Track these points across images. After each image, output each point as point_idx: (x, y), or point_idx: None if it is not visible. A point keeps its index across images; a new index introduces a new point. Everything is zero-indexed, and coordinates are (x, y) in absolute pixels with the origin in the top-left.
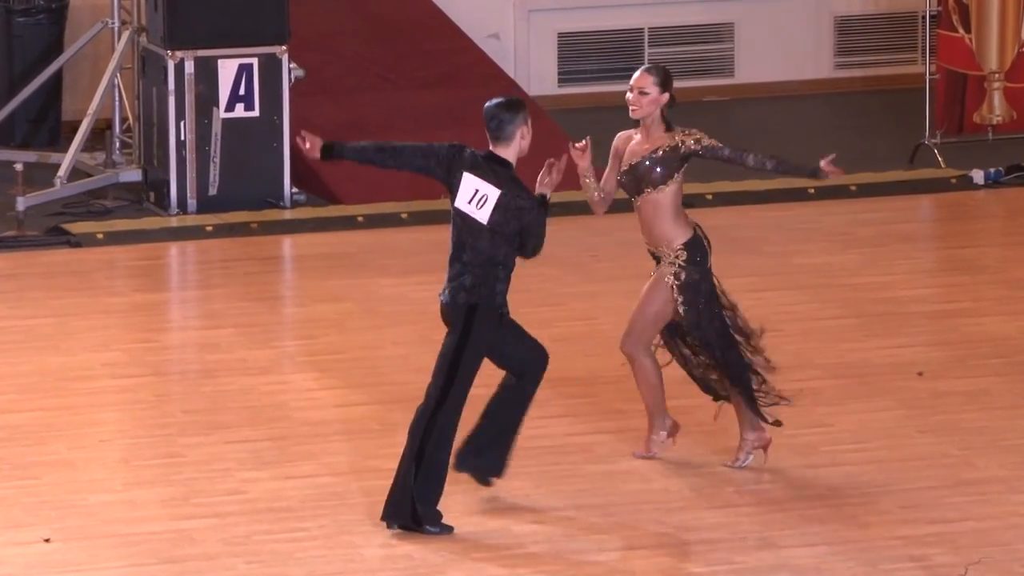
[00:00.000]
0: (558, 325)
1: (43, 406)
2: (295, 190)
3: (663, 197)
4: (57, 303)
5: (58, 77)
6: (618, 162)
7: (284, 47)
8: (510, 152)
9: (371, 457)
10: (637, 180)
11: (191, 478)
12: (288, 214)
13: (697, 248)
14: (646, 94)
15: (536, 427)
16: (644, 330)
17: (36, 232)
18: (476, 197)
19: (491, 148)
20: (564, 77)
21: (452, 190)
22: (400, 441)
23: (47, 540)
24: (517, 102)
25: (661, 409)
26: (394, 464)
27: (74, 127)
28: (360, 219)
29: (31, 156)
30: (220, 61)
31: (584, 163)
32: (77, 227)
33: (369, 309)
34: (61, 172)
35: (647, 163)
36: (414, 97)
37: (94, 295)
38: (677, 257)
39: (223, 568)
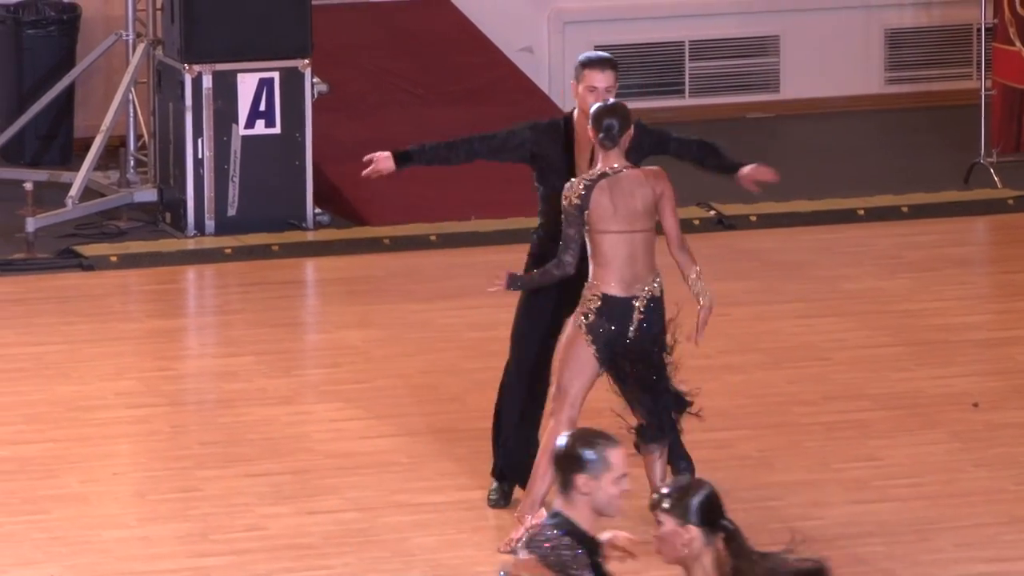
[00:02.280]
0: None
1: (54, 437)
2: (318, 211)
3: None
4: (68, 329)
5: (70, 92)
6: None
7: (307, 61)
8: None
9: (397, 491)
10: None
11: (209, 513)
12: (311, 236)
13: None
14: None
15: None
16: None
17: (46, 255)
18: None
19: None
20: None
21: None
22: (427, 475)
23: None
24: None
25: None
26: (423, 498)
27: (86, 144)
28: (387, 241)
29: (41, 175)
30: (239, 75)
31: None
32: (89, 249)
33: (396, 336)
34: (73, 192)
35: None
36: (442, 113)
37: (107, 321)
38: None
39: None
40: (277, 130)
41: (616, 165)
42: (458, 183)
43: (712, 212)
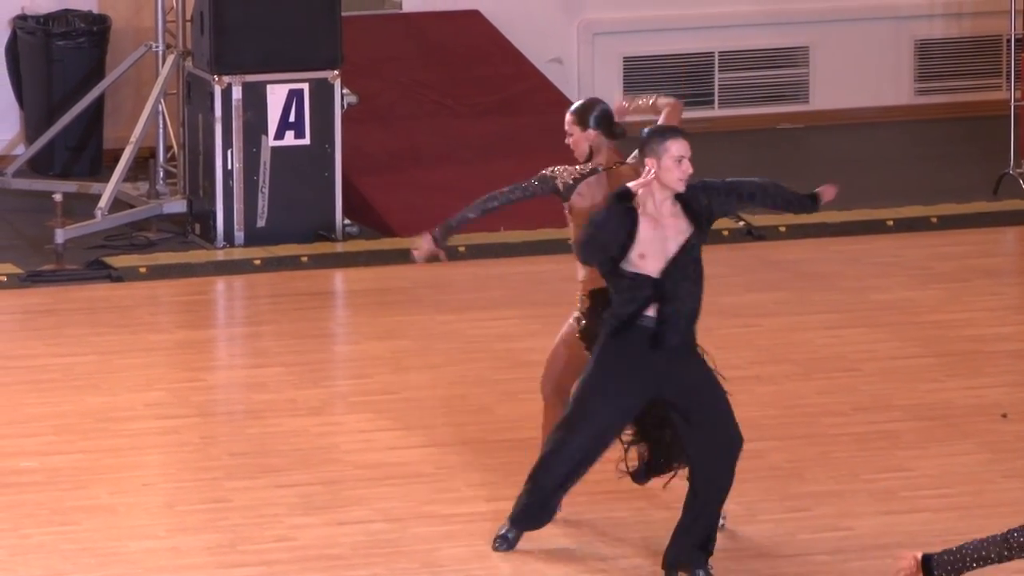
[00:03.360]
0: None
1: (83, 448)
2: (347, 222)
3: None
4: (98, 340)
5: (99, 103)
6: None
7: (336, 72)
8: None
9: (426, 503)
10: None
11: (238, 524)
12: (340, 247)
13: None
14: (571, 135)
15: (598, 472)
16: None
17: (76, 266)
18: None
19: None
20: None
21: None
22: (457, 486)
23: None
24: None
25: None
26: (452, 509)
27: (116, 156)
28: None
29: (71, 186)
30: (269, 87)
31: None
32: (119, 261)
33: (425, 347)
34: (102, 203)
35: None
36: (472, 125)
37: (136, 332)
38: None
39: None
40: (307, 141)
41: (613, 161)
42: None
43: (741, 223)
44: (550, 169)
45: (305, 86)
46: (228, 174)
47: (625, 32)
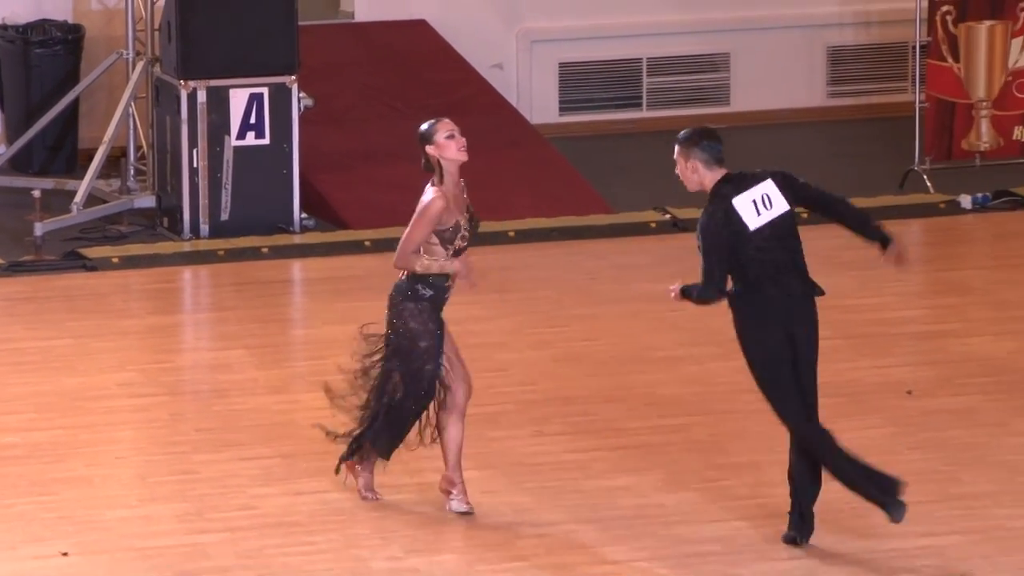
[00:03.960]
0: (558, 345)
1: (61, 425)
2: (304, 215)
3: None
4: (74, 325)
5: (74, 106)
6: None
7: (293, 77)
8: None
9: (377, 473)
10: (476, 229)
11: (205, 494)
12: (297, 239)
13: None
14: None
15: (536, 444)
16: None
17: (54, 257)
18: (759, 203)
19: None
20: (565, 106)
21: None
22: (406, 457)
23: (65, 554)
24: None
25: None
26: (399, 480)
27: (90, 155)
28: (367, 243)
29: (48, 183)
30: (231, 91)
31: None
32: (93, 252)
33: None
34: (77, 199)
35: (475, 219)
36: (418, 126)
37: (110, 317)
38: None
39: None
40: (266, 141)
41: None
42: None
43: (667, 216)
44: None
45: (265, 90)
46: (194, 171)
47: (560, 40)
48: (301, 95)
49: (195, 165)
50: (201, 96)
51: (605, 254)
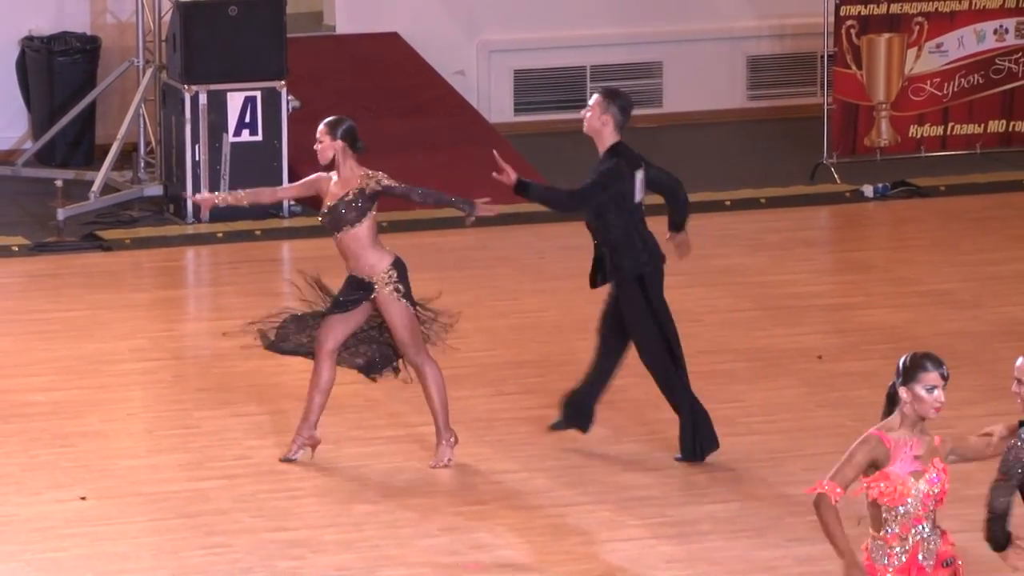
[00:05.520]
0: (513, 316)
1: (79, 385)
2: (292, 203)
3: (361, 232)
4: (91, 298)
5: (92, 107)
6: (309, 189)
7: (283, 82)
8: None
9: (355, 428)
10: (336, 220)
11: (205, 446)
12: (287, 223)
13: (401, 267)
14: (321, 143)
15: (495, 403)
16: (414, 340)
17: (73, 238)
18: (639, 184)
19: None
20: (519, 107)
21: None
22: (380, 415)
23: (83, 498)
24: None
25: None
26: (375, 434)
27: (105, 149)
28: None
29: (69, 174)
30: (229, 94)
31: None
32: (108, 234)
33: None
34: (95, 187)
35: (342, 208)
36: (391, 125)
37: (122, 291)
38: (391, 278)
39: (232, 522)
40: (259, 138)
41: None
42: (404, 180)
43: None
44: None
45: (258, 93)
46: (196, 164)
47: (515, 50)
48: (289, 98)
49: (197, 159)
50: (202, 98)
51: (554, 236)
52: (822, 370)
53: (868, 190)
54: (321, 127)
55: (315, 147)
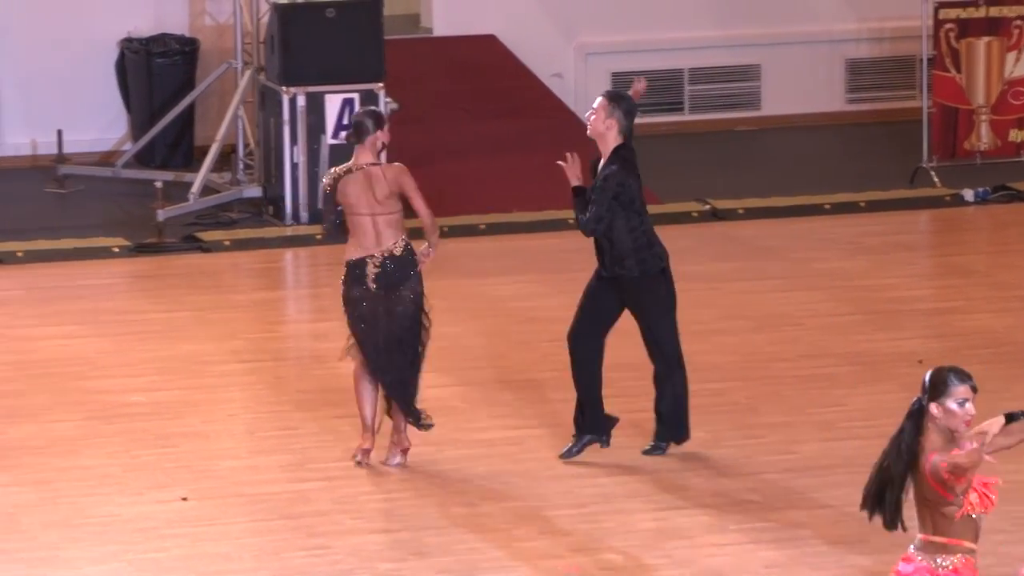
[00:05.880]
0: None
1: (180, 386)
2: None
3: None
4: (191, 299)
5: (191, 109)
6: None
7: (381, 84)
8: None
9: (456, 431)
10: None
11: (305, 447)
12: None
13: (349, 267)
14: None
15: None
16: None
17: (174, 239)
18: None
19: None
20: None
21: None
22: (479, 417)
23: (184, 499)
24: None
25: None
26: (474, 437)
27: (204, 151)
28: (445, 229)
29: (169, 175)
30: (327, 96)
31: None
32: (208, 235)
33: (454, 305)
34: (194, 189)
35: None
36: (488, 127)
37: (222, 292)
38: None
39: (332, 523)
40: None
41: (366, 162)
42: (503, 183)
43: (708, 206)
44: (324, 184)
45: (356, 95)
46: (294, 166)
47: (613, 52)
48: (387, 100)
49: (295, 160)
50: (300, 101)
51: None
52: (923, 374)
53: (968, 194)
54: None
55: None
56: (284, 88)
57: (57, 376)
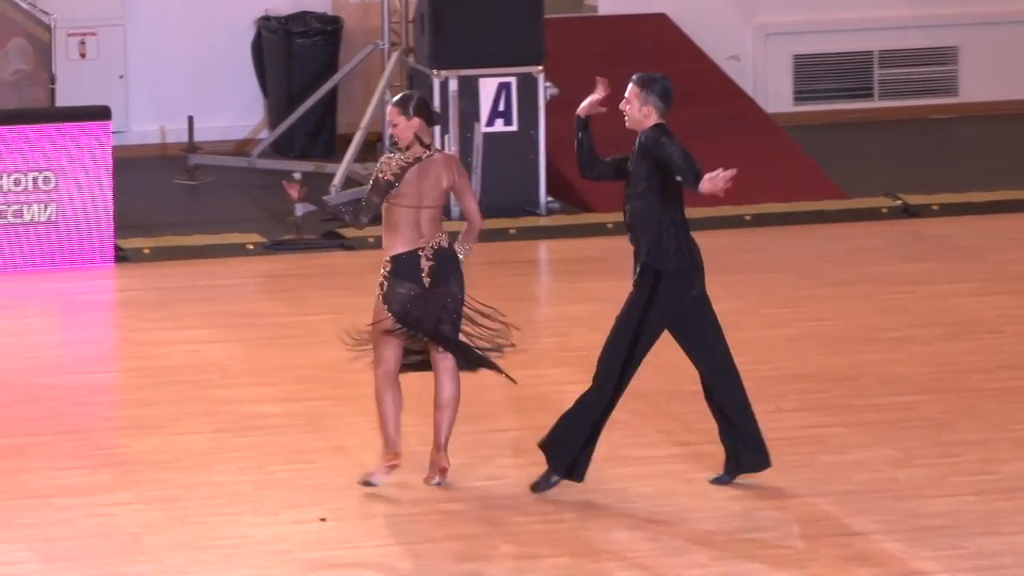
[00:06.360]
0: (793, 325)
1: (318, 396)
2: (550, 199)
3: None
4: (332, 301)
5: (333, 94)
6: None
7: (540, 67)
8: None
9: (621, 446)
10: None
11: (454, 464)
12: (544, 221)
13: (395, 262)
14: (395, 125)
15: (773, 420)
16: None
17: (313, 236)
18: None
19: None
20: (800, 96)
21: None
22: (648, 429)
23: (323, 519)
24: None
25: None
26: (643, 452)
27: (347, 139)
28: (610, 226)
29: (308, 166)
30: (481, 80)
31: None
32: (350, 231)
33: (617, 309)
34: (335, 181)
35: None
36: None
37: (365, 294)
38: (384, 269)
39: (486, 547)
40: (514, 128)
41: (424, 151)
42: None
43: (899, 201)
44: (385, 173)
45: (513, 79)
46: None
47: (795, 33)
48: (547, 84)
49: (446, 150)
50: (452, 85)
51: (839, 238)
52: None
53: None
54: (393, 108)
55: (390, 131)
56: (435, 71)
57: (185, 384)
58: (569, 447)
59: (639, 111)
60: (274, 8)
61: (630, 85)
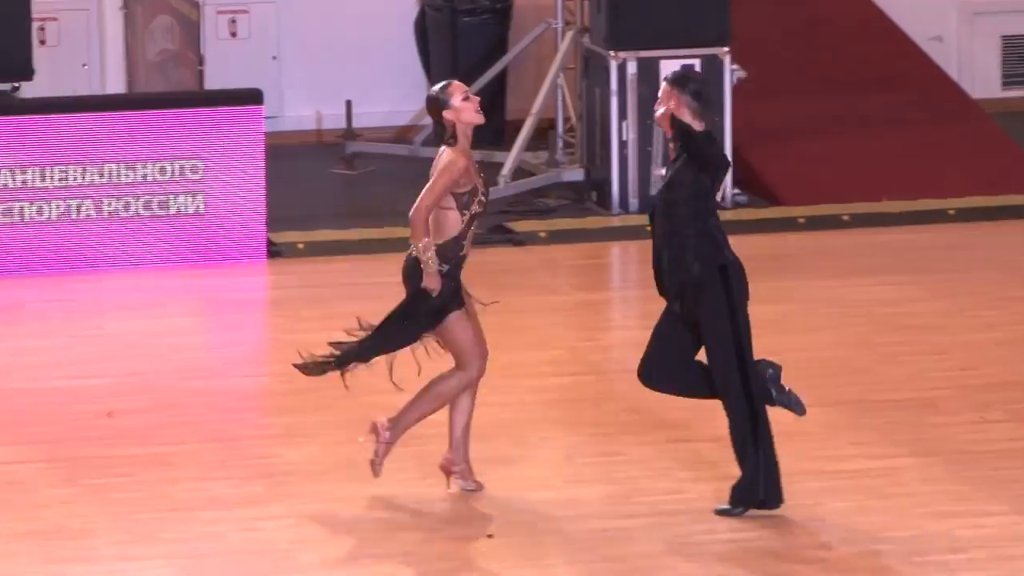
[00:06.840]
0: (1001, 329)
1: (486, 402)
2: (736, 191)
3: None
4: (500, 301)
5: (502, 77)
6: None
7: (726, 49)
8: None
9: (808, 459)
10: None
11: (632, 476)
12: (729, 215)
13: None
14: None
15: (979, 432)
16: None
17: (480, 230)
18: None
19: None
20: (1009, 80)
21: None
22: (838, 444)
23: (490, 535)
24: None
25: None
26: (835, 466)
27: (517, 126)
28: (801, 220)
29: (475, 155)
30: (662, 62)
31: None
32: (520, 225)
33: (808, 310)
34: (505, 171)
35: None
36: (854, 100)
37: (536, 293)
38: None
39: (664, 567)
40: None
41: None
42: (870, 166)
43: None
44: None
45: (696, 61)
46: (623, 144)
47: (1005, 12)
48: (733, 67)
49: (624, 138)
50: (631, 67)
51: None
52: None
53: None
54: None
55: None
56: (612, 52)
57: (341, 390)
58: (751, 488)
59: (673, 106)
60: None
61: (662, 84)
